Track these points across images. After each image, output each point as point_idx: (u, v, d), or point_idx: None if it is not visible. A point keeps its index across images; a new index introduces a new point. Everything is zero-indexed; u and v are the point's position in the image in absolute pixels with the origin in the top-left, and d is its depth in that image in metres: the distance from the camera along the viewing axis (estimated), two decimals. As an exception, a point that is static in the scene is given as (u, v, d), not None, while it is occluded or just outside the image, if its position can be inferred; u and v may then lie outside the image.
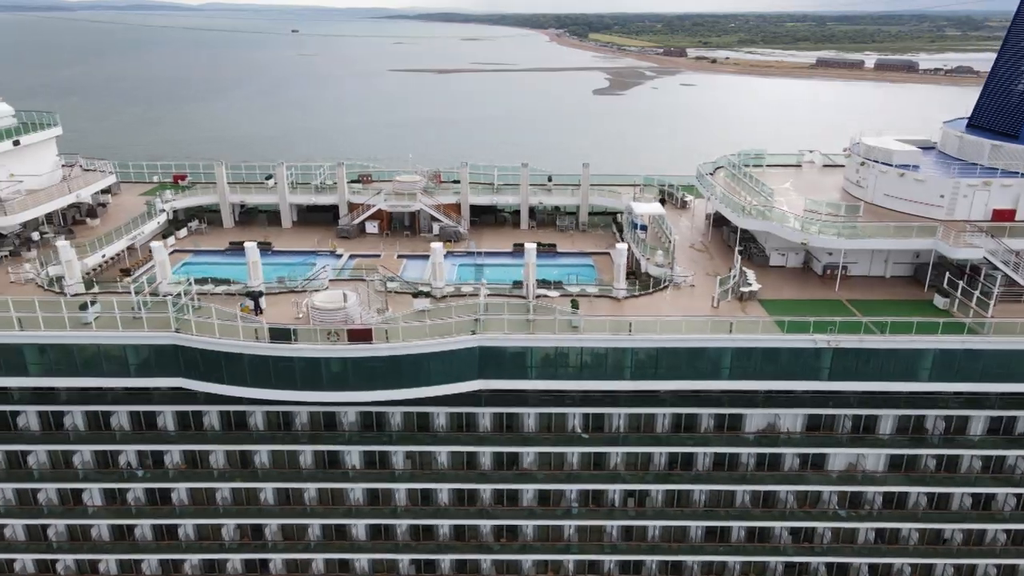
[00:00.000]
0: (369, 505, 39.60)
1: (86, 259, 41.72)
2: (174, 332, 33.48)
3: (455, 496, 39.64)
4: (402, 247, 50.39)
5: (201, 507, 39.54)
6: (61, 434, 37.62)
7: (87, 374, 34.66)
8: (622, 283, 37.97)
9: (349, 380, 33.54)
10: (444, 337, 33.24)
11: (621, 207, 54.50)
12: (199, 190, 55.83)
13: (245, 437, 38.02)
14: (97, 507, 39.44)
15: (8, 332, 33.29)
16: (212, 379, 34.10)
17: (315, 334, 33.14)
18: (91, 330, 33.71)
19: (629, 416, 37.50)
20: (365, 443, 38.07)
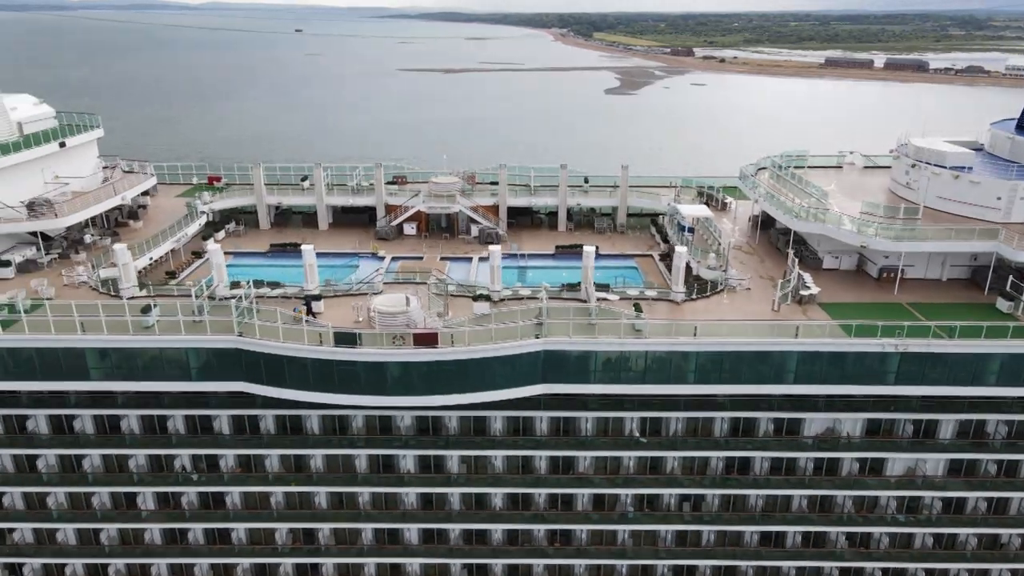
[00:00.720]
0: (423, 509, 39.46)
1: (135, 261, 41.73)
2: (237, 336, 33.38)
3: (509, 500, 39.44)
4: (443, 249, 50.23)
5: (254, 511, 39.36)
6: (116, 438, 37.47)
7: (148, 378, 34.52)
8: (680, 286, 37.75)
9: (413, 385, 33.38)
10: (509, 341, 33.09)
11: (660, 209, 54.35)
12: (236, 192, 55.80)
13: (301, 441, 37.84)
14: (150, 511, 39.35)
15: (70, 336, 33.17)
16: (274, 383, 33.90)
17: (380, 338, 33.03)
18: (154, 334, 33.60)
19: (687, 420, 37.32)
20: (421, 447, 37.90)
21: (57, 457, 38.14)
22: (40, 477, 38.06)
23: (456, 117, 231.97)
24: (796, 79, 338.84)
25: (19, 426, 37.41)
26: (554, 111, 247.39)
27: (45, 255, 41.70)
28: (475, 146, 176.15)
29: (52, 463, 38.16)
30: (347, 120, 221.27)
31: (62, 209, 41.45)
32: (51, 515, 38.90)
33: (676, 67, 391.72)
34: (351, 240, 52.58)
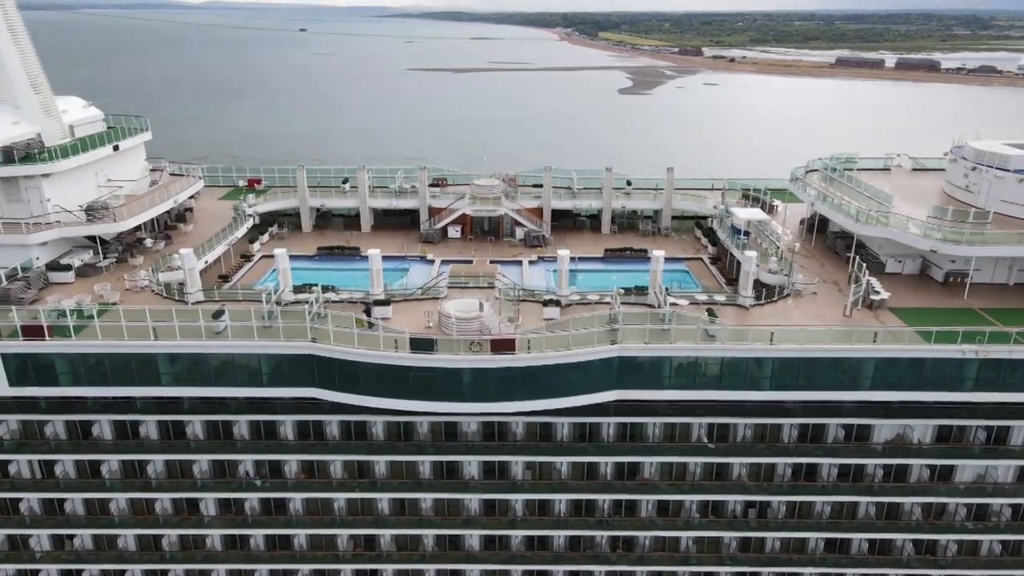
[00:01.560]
0: (486, 515, 39.21)
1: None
2: (310, 342, 33.16)
3: (572, 507, 39.21)
4: (491, 252, 49.98)
5: (316, 517, 39.16)
6: (181, 443, 37.25)
7: (218, 383, 34.33)
8: (749, 291, 37.45)
9: (489, 391, 33.13)
10: (585, 347, 32.85)
11: (705, 211, 54.11)
12: (279, 194, 55.60)
13: (365, 447, 37.58)
14: (212, 516, 39.14)
15: (143, 342, 32.95)
16: (347, 389, 33.67)
17: (456, 344, 32.78)
18: (225, 339, 33.41)
19: (755, 426, 37.06)
20: (486, 452, 37.68)
21: (120, 463, 37.96)
22: (103, 483, 37.91)
23: (475, 117, 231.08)
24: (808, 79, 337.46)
25: (83, 431, 37.31)
26: (571, 112, 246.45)
27: (103, 259, 41.53)
28: (500, 147, 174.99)
29: (115, 468, 38.04)
30: (366, 120, 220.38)
31: (121, 213, 41.23)
32: (113, 521, 38.73)
33: (686, 67, 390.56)
34: (395, 243, 52.39)
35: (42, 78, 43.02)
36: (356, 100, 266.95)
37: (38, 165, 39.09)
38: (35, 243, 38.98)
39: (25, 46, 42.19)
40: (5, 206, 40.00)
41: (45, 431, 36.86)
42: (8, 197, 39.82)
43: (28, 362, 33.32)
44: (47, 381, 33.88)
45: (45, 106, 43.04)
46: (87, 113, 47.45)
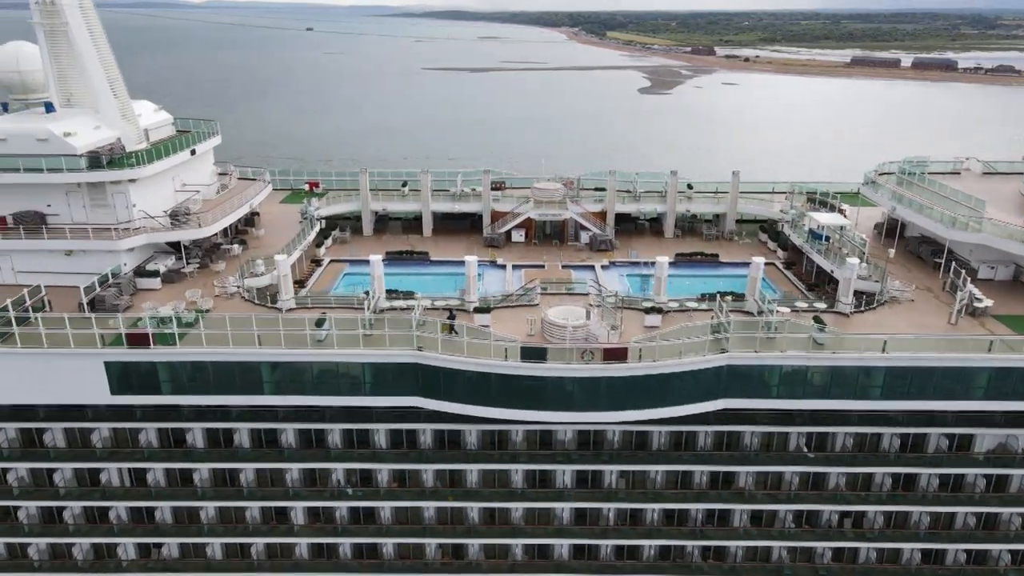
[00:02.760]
0: (577, 524, 38.83)
1: (272, 272, 41.17)
2: (416, 350, 32.78)
3: (664, 516, 38.84)
4: (558, 257, 49.55)
5: (405, 525, 38.83)
6: (274, 452, 36.92)
7: (319, 393, 33.97)
8: (850, 298, 37.02)
9: (599, 401, 32.74)
10: (696, 356, 32.45)
11: (771, 215, 53.66)
12: (342, 197, 55.26)
13: (459, 455, 37.15)
14: (300, 525, 38.81)
15: (249, 350, 32.57)
16: (451, 398, 33.30)
17: (565, 353, 32.37)
18: (327, 347, 33.03)
19: (856, 435, 36.61)
20: (581, 462, 37.26)
21: (211, 471, 37.67)
22: (195, 491, 37.60)
23: (502, 117, 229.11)
24: (826, 79, 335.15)
25: (175, 439, 36.99)
26: (596, 111, 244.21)
27: (186, 264, 41.19)
28: (534, 148, 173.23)
29: (206, 477, 37.71)
30: (394, 120, 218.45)
31: (206, 219, 40.89)
32: (202, 529, 38.42)
33: (701, 66, 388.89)
34: (459, 247, 51.89)
35: (120, 81, 42.65)
36: (379, 100, 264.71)
37: (125, 170, 38.74)
38: (123, 249, 38.65)
39: (104, 49, 41.83)
40: (90, 211, 39.67)
41: (139, 439, 36.63)
42: (94, 202, 39.45)
43: (131, 370, 33.02)
44: (149, 389, 33.55)
45: (123, 110, 42.71)
46: (159, 117, 47.09)
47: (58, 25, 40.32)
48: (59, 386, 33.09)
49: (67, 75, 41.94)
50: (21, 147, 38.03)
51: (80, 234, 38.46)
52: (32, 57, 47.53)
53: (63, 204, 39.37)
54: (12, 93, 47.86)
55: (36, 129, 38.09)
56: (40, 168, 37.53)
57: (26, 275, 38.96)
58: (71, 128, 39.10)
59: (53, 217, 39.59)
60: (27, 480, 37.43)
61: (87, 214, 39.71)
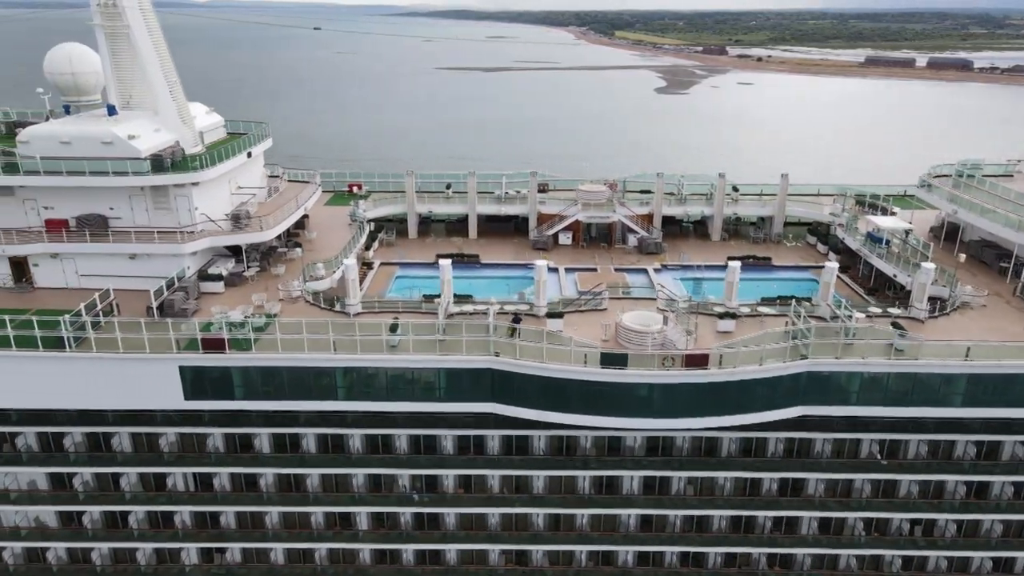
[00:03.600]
0: (643, 531, 38.51)
1: (333, 275, 40.97)
2: (493, 356, 32.48)
3: (731, 523, 38.50)
4: (609, 260, 49.20)
5: (471, 531, 38.52)
6: (341, 457, 36.63)
7: (392, 399, 33.70)
8: (925, 304, 36.59)
9: (679, 407, 32.39)
10: (777, 362, 32.03)
11: (821, 218, 53.20)
12: (387, 200, 55.01)
13: (526, 462, 36.87)
14: (364, 531, 38.55)
15: (324, 355, 32.33)
16: (528, 404, 32.99)
17: (645, 359, 32.02)
18: (406, 353, 32.77)
19: (929, 443, 36.20)
20: (651, 468, 36.94)
21: (275, 476, 37.41)
22: (260, 496, 37.38)
23: (525, 117, 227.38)
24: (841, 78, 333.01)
25: (242, 444, 36.77)
26: (617, 111, 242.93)
27: (246, 268, 40.95)
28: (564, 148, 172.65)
29: (271, 481, 37.48)
30: (415, 120, 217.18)
31: (267, 222, 40.63)
32: (267, 535, 38.21)
33: (714, 66, 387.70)
34: (507, 249, 51.71)
35: (177, 84, 42.38)
36: (398, 99, 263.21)
37: (189, 174, 38.52)
38: (187, 252, 38.43)
39: (163, 51, 41.59)
40: (152, 215, 39.46)
41: (206, 444, 36.43)
42: (156, 206, 39.20)
43: (205, 375, 32.82)
44: (221, 394, 33.34)
45: (181, 113, 42.45)
46: (211, 119, 46.79)
47: (119, 27, 40.13)
48: (133, 391, 32.93)
49: (126, 77, 41.79)
50: (86, 150, 37.82)
51: (145, 237, 38.26)
52: (84, 59, 47.43)
53: (125, 207, 39.15)
54: (64, 95, 47.76)
55: (101, 132, 37.90)
56: (106, 171, 37.33)
57: (89, 278, 38.86)
58: (134, 131, 38.94)
59: (115, 220, 39.44)
60: (92, 484, 37.35)
61: (149, 217, 39.47)
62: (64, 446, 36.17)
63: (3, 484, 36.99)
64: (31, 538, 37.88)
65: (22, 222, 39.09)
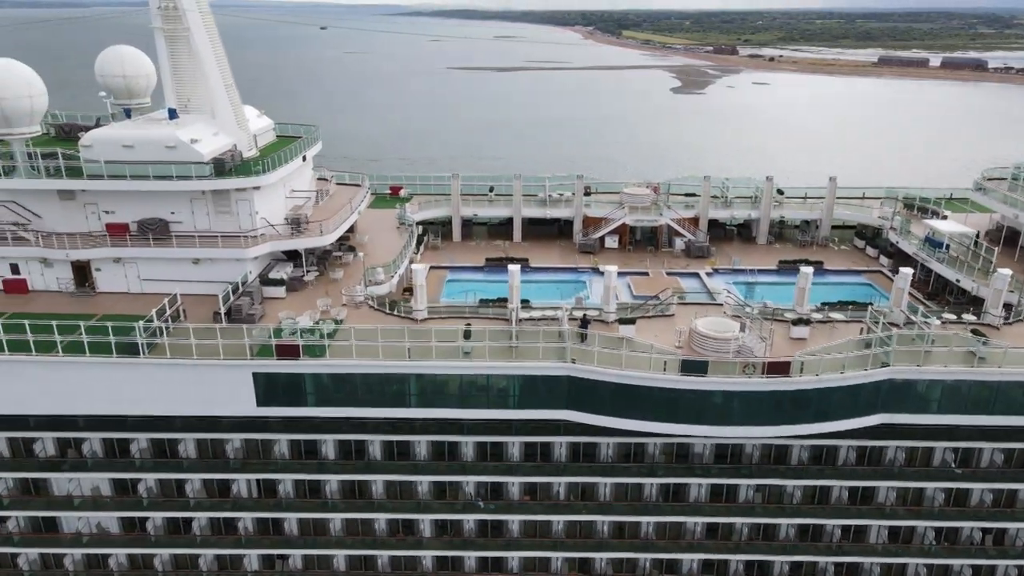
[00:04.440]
0: (709, 539, 38.15)
1: (392, 280, 40.69)
2: (569, 363, 32.12)
3: (799, 531, 38.06)
4: (660, 263, 48.80)
5: (535, 539, 38.22)
6: (407, 464, 36.30)
7: (464, 406, 33.34)
8: (1000, 310, 36.11)
9: (759, 414, 31.96)
10: (859, 370, 31.62)
11: (870, 221, 52.73)
12: (433, 203, 54.72)
13: (593, 469, 36.48)
14: (427, 538, 38.29)
15: (399, 362, 31.97)
16: (603, 411, 32.62)
17: (726, 366, 31.63)
18: (482, 360, 32.36)
19: (1005, 451, 35.74)
20: (718, 475, 36.52)
21: (339, 483, 37.12)
22: (324, 503, 37.10)
23: (544, 117, 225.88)
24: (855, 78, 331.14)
25: (307, 451, 36.50)
26: (637, 111, 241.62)
27: (305, 272, 40.66)
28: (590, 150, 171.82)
29: (335, 488, 37.20)
30: (435, 120, 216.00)
31: (327, 226, 40.33)
32: (329, 541, 37.94)
33: (727, 66, 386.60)
34: (553, 253, 51.39)
35: (234, 87, 42.15)
36: (415, 100, 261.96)
37: (252, 178, 38.22)
38: (250, 257, 38.15)
39: (220, 54, 41.34)
40: (213, 219, 39.17)
41: (272, 451, 36.17)
42: (218, 210, 38.91)
43: (278, 382, 32.51)
44: (293, 401, 33.04)
45: (238, 116, 42.18)
46: (262, 122, 46.42)
47: (179, 30, 39.91)
48: (206, 397, 32.62)
49: (185, 81, 41.54)
50: (149, 154, 37.51)
51: (209, 242, 38.02)
52: (136, 61, 47.31)
53: (186, 211, 38.87)
54: (115, 98, 47.62)
55: (165, 136, 37.61)
56: (170, 175, 37.07)
57: (151, 283, 38.66)
58: (196, 135, 38.66)
59: (175, 225, 39.18)
60: (156, 491, 37.12)
61: (209, 222, 39.20)
62: (130, 452, 36.05)
63: (67, 490, 36.89)
64: (93, 544, 37.70)
65: (82, 226, 38.87)
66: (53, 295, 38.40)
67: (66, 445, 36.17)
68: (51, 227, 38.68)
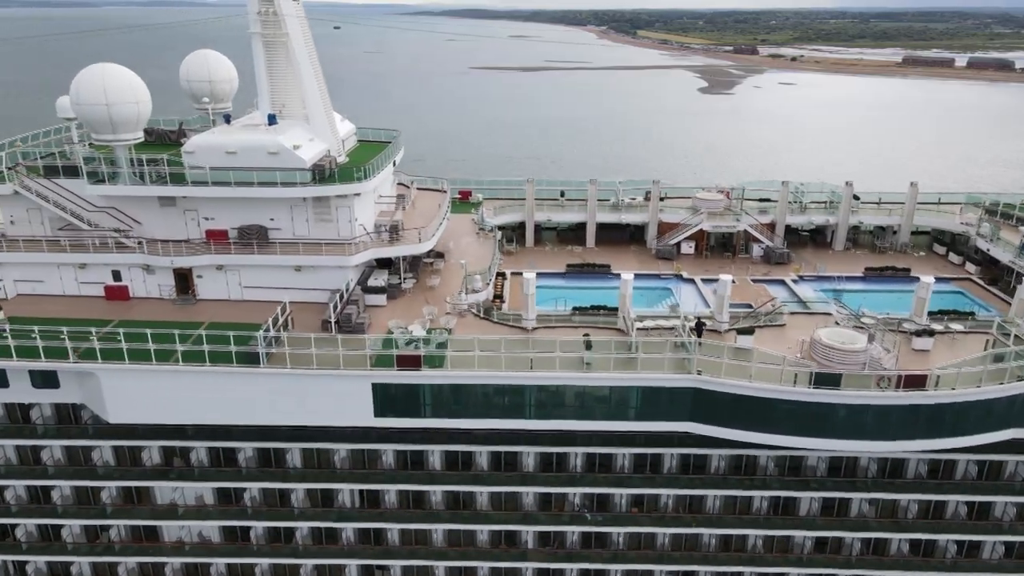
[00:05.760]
0: (817, 553, 37.48)
1: (489, 287, 40.15)
2: (696, 375, 31.53)
3: (911, 547, 37.00)
4: (741, 271, 48.07)
5: (639, 551, 37.65)
6: (516, 476, 35.74)
7: (580, 417, 32.73)
8: None
9: (889, 428, 31.24)
10: (996, 383, 30.81)
11: (953, 228, 51.78)
12: (505, 207, 54.19)
13: (704, 481, 35.99)
14: (530, 549, 37.78)
15: (519, 373, 31.37)
16: (729, 424, 31.91)
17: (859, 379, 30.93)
18: (605, 372, 31.68)
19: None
20: (831, 489, 35.82)
21: (444, 493, 36.59)
22: (428, 514, 36.62)
23: (579, 117, 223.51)
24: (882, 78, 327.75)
25: (414, 461, 36.03)
26: (670, 111, 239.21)
27: (403, 280, 40.18)
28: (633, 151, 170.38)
29: (439, 499, 36.78)
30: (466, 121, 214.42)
31: (427, 234, 39.86)
32: (432, 553, 37.44)
33: (749, 66, 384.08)
34: (629, 258, 50.69)
35: (326, 92, 41.78)
36: (445, 100, 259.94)
37: (354, 184, 37.78)
38: (353, 265, 37.75)
39: (315, 59, 40.99)
40: (313, 226, 38.74)
41: (379, 461, 35.77)
42: (317, 216, 38.50)
43: (395, 392, 32.01)
44: (410, 412, 32.50)
45: (330, 121, 41.79)
46: (346, 127, 46.07)
47: (278, 36, 39.54)
48: (324, 407, 32.15)
49: (280, 86, 41.15)
50: (251, 160, 37.12)
51: (312, 249, 37.62)
52: (221, 66, 47.04)
53: (286, 218, 38.45)
54: (197, 103, 47.36)
55: (268, 142, 37.19)
56: (275, 182, 36.72)
57: (251, 290, 38.32)
58: (297, 140, 38.26)
59: (274, 231, 38.79)
60: (259, 500, 36.79)
61: (309, 228, 38.80)
62: (236, 461, 35.72)
63: (171, 498, 36.61)
64: (194, 553, 37.45)
65: (181, 233, 38.60)
66: (154, 302, 38.15)
67: (172, 453, 36.00)
68: (149, 233, 38.46)
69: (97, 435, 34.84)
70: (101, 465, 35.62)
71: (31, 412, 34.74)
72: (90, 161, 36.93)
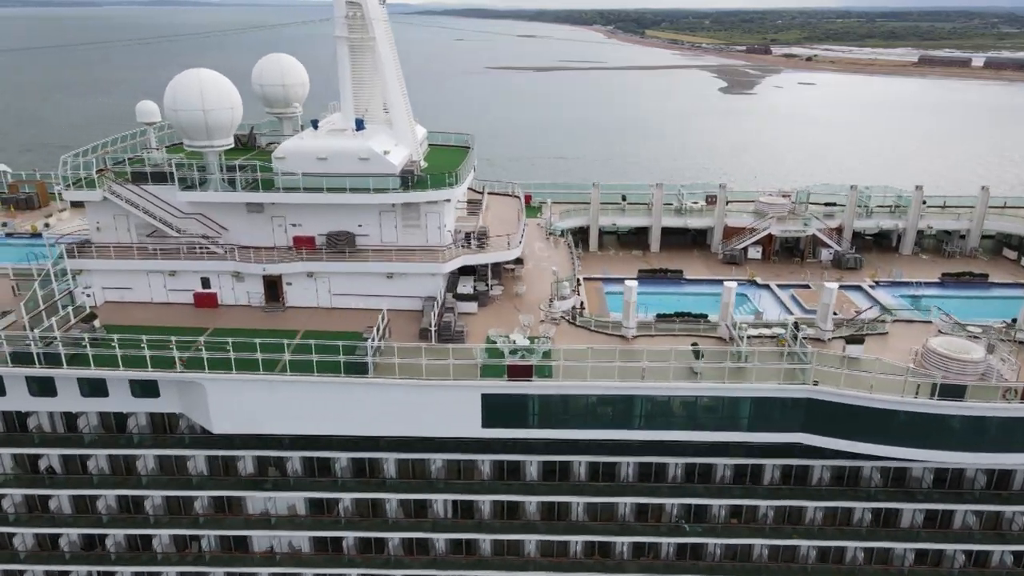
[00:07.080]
0: (918, 565, 36.87)
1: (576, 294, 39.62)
2: (812, 385, 30.95)
3: (1015, 558, 36.56)
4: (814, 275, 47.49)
5: (735, 563, 37.02)
6: (615, 486, 35.33)
7: (692, 428, 32.33)
8: None
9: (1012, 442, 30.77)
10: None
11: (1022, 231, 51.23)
12: (569, 211, 53.65)
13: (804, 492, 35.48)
14: (624, 561, 37.20)
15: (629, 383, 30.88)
16: (844, 435, 31.36)
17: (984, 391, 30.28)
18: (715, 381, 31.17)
19: None
20: (937, 501, 35.21)
21: (539, 503, 36.04)
22: (523, 524, 36.12)
23: (609, 118, 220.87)
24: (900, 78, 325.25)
25: (510, 471, 35.48)
26: (695, 111, 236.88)
27: (490, 287, 39.66)
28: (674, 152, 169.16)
29: (534, 509, 36.20)
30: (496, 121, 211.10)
31: (514, 240, 39.34)
32: (527, 564, 36.89)
33: (765, 65, 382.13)
34: (695, 263, 50.08)
35: (407, 96, 41.28)
36: (467, 100, 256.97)
37: (444, 190, 37.27)
38: (444, 272, 37.27)
39: (398, 63, 40.48)
40: (401, 232, 38.22)
41: (474, 472, 35.30)
42: (406, 223, 38.00)
43: (503, 403, 31.49)
44: (517, 422, 32.00)
45: (412, 126, 41.30)
46: (421, 132, 45.59)
47: (365, 40, 39.04)
48: (432, 418, 31.69)
49: (365, 91, 40.62)
50: (342, 166, 36.68)
51: (403, 256, 37.12)
52: (294, 70, 46.52)
53: (374, 224, 37.92)
54: (269, 107, 46.91)
55: (358, 147, 36.71)
56: (367, 188, 36.22)
57: (341, 297, 37.84)
58: (386, 146, 37.77)
59: (361, 238, 38.28)
60: (351, 510, 36.31)
61: (397, 235, 38.32)
62: (331, 471, 35.26)
63: (263, 508, 36.17)
64: (285, 563, 36.99)
65: (268, 240, 38.12)
66: (242, 309, 37.72)
67: (266, 463, 35.55)
68: (236, 240, 37.98)
69: (193, 444, 34.50)
70: (195, 475, 35.24)
71: (128, 421, 34.37)
72: (180, 167, 36.51)
